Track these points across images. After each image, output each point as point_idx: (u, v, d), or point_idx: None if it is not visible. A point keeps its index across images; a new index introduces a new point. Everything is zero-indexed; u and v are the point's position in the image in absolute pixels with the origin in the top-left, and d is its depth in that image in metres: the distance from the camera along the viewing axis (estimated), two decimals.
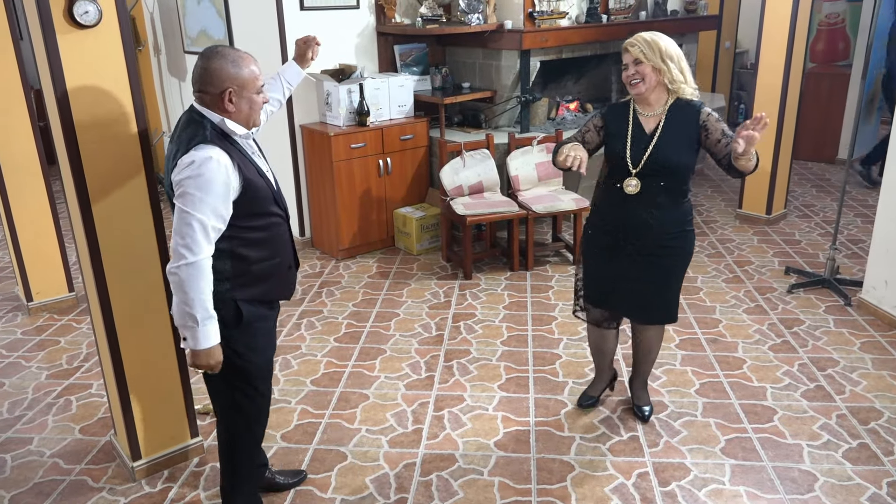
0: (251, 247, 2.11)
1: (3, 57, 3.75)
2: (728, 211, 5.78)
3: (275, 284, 2.24)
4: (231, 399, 2.28)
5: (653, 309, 2.82)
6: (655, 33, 2.55)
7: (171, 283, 1.96)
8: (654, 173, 2.58)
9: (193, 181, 1.92)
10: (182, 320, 1.97)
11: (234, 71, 2.00)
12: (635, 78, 2.54)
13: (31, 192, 4.02)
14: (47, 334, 3.95)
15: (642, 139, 2.60)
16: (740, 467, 2.72)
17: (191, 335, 1.99)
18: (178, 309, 1.97)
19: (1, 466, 2.82)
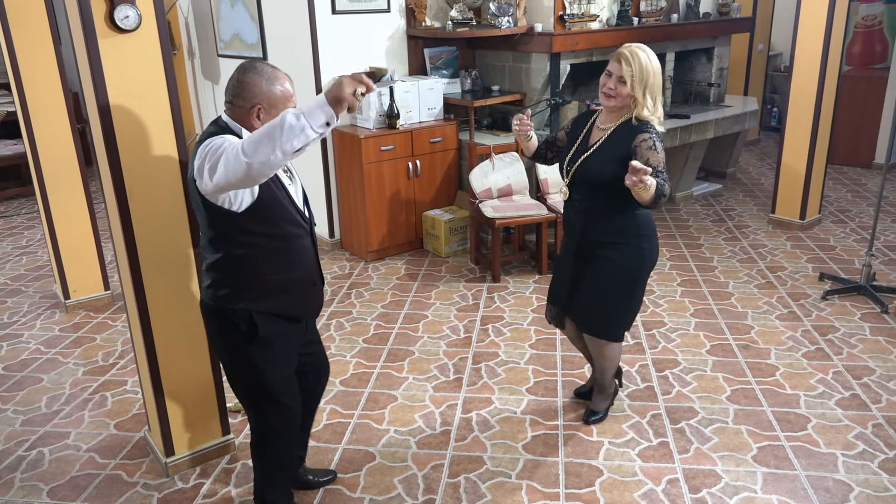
0: (267, 257, 2.09)
1: (44, 61, 3.85)
2: (760, 216, 5.70)
3: (296, 300, 2.20)
4: (258, 411, 2.28)
5: (585, 316, 2.85)
6: (650, 55, 2.51)
7: (263, 155, 1.73)
8: (581, 184, 2.66)
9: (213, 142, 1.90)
10: (297, 132, 1.70)
11: (267, 88, 1.99)
12: (611, 91, 2.54)
13: (69, 192, 4.11)
14: (84, 331, 4.04)
15: (582, 150, 2.66)
16: (773, 476, 2.68)
17: (312, 120, 1.71)
18: (290, 137, 1.70)
19: (39, 460, 2.89)
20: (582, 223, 2.71)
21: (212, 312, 2.18)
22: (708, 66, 6.14)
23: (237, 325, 2.12)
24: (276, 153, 1.73)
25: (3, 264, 5.15)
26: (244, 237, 2.04)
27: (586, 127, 2.72)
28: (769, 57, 8.09)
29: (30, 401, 3.33)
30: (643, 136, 2.52)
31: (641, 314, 4.04)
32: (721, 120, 5.72)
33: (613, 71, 2.53)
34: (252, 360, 2.17)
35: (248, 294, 2.10)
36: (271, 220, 2.07)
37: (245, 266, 2.08)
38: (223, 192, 1.93)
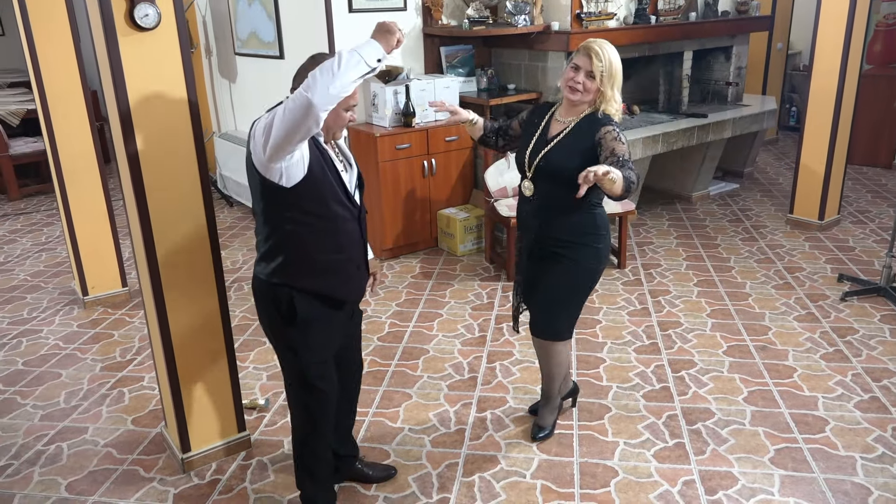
0: (315, 235, 2.13)
1: (64, 59, 3.89)
2: (778, 216, 5.64)
3: (340, 281, 2.24)
4: (296, 396, 2.32)
5: (539, 319, 2.77)
6: (613, 51, 2.46)
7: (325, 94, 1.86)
8: (545, 178, 2.57)
9: (273, 112, 1.97)
10: (354, 65, 1.88)
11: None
12: (578, 85, 2.46)
13: (88, 189, 4.15)
14: (102, 327, 4.08)
15: (542, 143, 2.59)
16: (790, 478, 2.65)
17: (366, 53, 1.91)
18: (348, 70, 1.87)
19: (58, 454, 2.92)
20: (540, 220, 2.63)
21: (259, 288, 2.23)
22: (726, 64, 6.09)
23: (278, 304, 2.17)
24: (335, 83, 1.85)
25: (23, 261, 5.21)
26: (292, 213, 2.08)
27: (545, 119, 2.64)
28: (788, 56, 8.00)
29: (49, 396, 3.37)
30: (607, 128, 2.47)
31: (658, 314, 4.02)
32: (739, 119, 5.67)
33: (582, 65, 2.45)
34: (289, 340, 2.22)
35: (292, 270, 2.14)
36: (319, 198, 2.10)
37: (291, 243, 2.12)
38: (280, 152, 1.95)
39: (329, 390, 2.34)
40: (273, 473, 2.76)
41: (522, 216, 2.73)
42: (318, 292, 2.19)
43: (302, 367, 2.25)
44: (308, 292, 2.17)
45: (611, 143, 2.45)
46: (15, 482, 2.75)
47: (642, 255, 4.90)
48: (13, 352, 3.82)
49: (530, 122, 2.70)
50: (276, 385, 3.38)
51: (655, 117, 5.60)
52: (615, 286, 4.41)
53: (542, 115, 2.67)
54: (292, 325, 2.18)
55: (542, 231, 2.65)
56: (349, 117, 2.15)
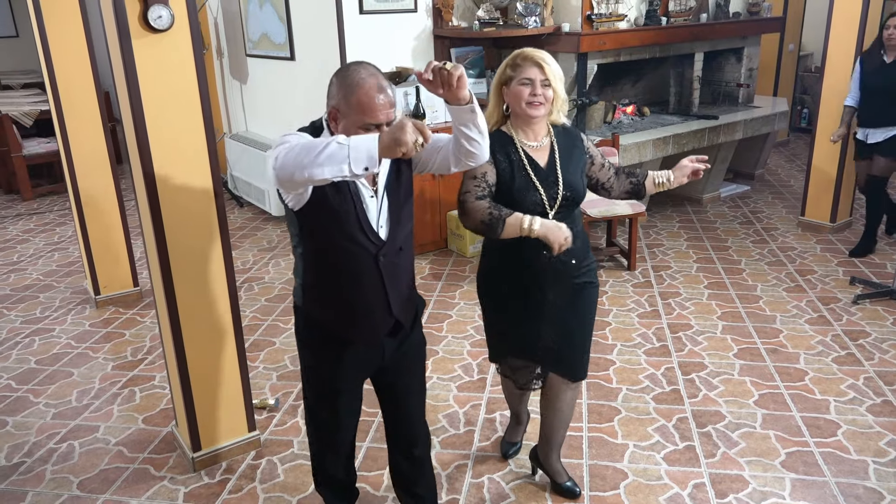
0: (325, 263, 1.96)
1: (78, 61, 3.92)
2: (790, 218, 5.61)
3: (346, 320, 2.00)
4: (308, 414, 2.22)
5: (572, 359, 2.42)
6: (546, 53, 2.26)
7: (287, 175, 1.64)
8: (568, 208, 2.29)
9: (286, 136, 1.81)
10: (336, 161, 1.58)
11: (343, 94, 1.80)
12: (540, 99, 2.20)
13: (100, 190, 4.18)
14: (113, 327, 4.10)
15: (546, 175, 2.26)
16: (801, 482, 2.64)
17: (353, 156, 1.58)
18: (325, 162, 1.58)
19: (70, 452, 2.94)
20: (571, 256, 2.28)
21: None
22: (737, 66, 6.07)
23: (296, 321, 2.12)
24: (302, 172, 1.61)
25: (36, 260, 5.25)
26: (305, 236, 1.94)
27: (515, 153, 2.26)
28: (800, 57, 7.96)
29: (61, 394, 3.39)
30: (583, 136, 2.40)
31: (668, 316, 4.00)
32: (750, 121, 5.65)
33: (534, 77, 2.18)
34: (302, 359, 2.14)
35: (305, 294, 2.03)
36: (327, 227, 1.89)
37: (305, 266, 2.00)
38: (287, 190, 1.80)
39: (331, 424, 2.17)
40: (283, 473, 2.77)
41: (543, 268, 2.28)
42: (323, 325, 2.03)
43: (306, 390, 2.18)
44: (316, 321, 2.04)
45: (595, 151, 2.41)
46: (27, 480, 2.77)
47: (652, 258, 4.88)
48: (26, 350, 3.85)
49: (504, 163, 2.25)
50: (285, 385, 3.39)
51: (666, 119, 5.59)
52: (625, 288, 4.40)
53: (503, 150, 2.25)
54: (301, 340, 2.12)
55: (577, 267, 2.33)
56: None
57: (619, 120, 5.49)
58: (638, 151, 4.97)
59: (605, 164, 2.42)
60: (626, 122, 5.47)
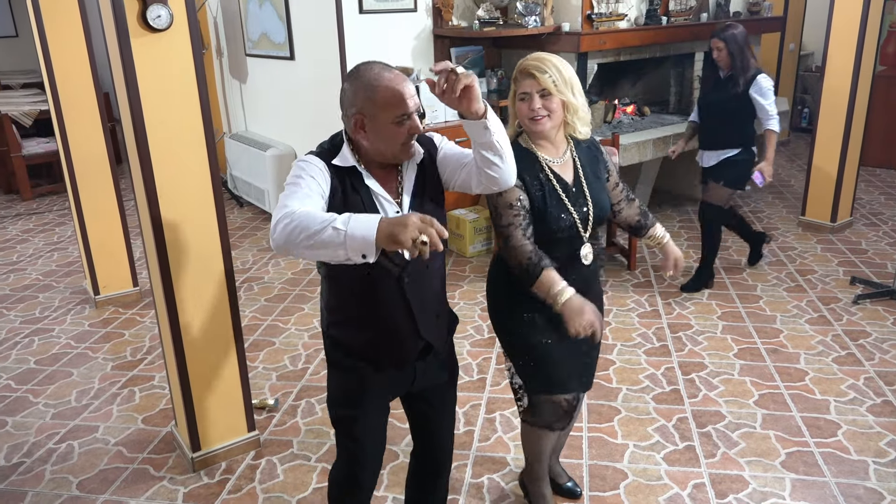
0: (346, 286, 1.85)
1: (77, 61, 3.92)
2: (790, 218, 5.61)
3: (370, 342, 1.88)
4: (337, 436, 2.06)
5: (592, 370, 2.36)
6: (559, 57, 2.04)
7: (283, 251, 1.57)
8: (596, 228, 2.15)
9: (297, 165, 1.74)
10: (332, 248, 1.50)
11: (365, 94, 1.71)
12: (540, 113, 2.01)
13: (99, 190, 4.18)
14: (113, 327, 4.10)
15: (576, 195, 2.10)
16: (801, 482, 2.63)
17: (350, 242, 1.48)
18: (320, 247, 1.50)
19: (69, 452, 2.94)
20: (600, 276, 2.27)
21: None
22: None
23: (325, 344, 1.98)
24: (298, 252, 1.55)
25: (35, 260, 5.25)
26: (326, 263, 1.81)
27: (541, 171, 2.09)
28: (800, 57, 7.95)
29: (60, 394, 3.39)
30: (604, 149, 2.25)
31: (668, 316, 4.00)
32: None
33: (530, 90, 2.01)
34: (329, 381, 2.01)
35: (329, 316, 1.93)
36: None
37: (329, 286, 1.90)
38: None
39: (357, 453, 2.02)
40: (282, 473, 2.77)
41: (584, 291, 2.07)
42: (349, 347, 1.91)
43: (333, 413, 2.01)
44: (340, 343, 1.92)
45: (614, 168, 2.29)
46: (27, 480, 2.77)
47: (652, 257, 4.88)
48: (25, 350, 3.85)
49: (533, 184, 2.07)
50: (285, 385, 3.39)
51: (666, 119, 5.58)
52: (625, 288, 4.40)
53: (529, 170, 2.07)
54: (331, 371, 1.98)
55: (597, 290, 2.25)
56: (410, 128, 1.72)
57: (619, 120, 5.48)
58: (638, 151, 4.97)
59: (620, 184, 2.28)
60: (627, 122, 5.46)
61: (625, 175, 4.97)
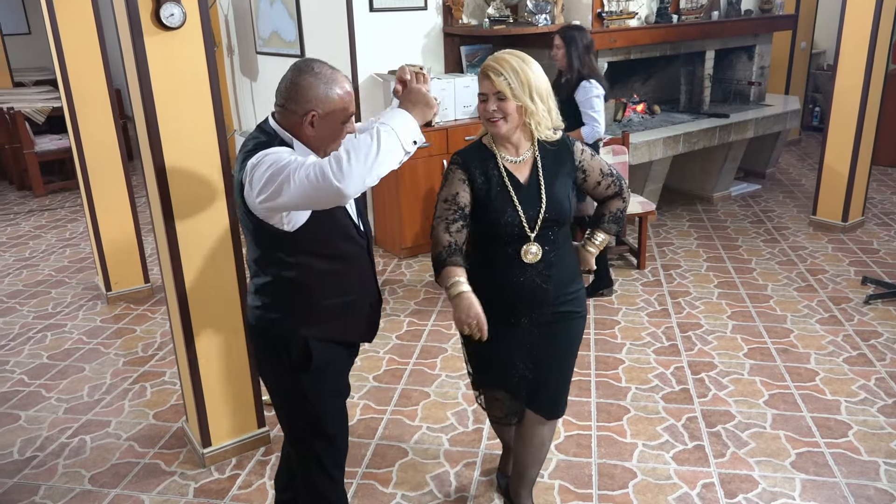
0: (321, 279, 1.91)
1: (90, 58, 3.95)
2: (801, 217, 5.58)
3: (351, 324, 2.01)
4: (307, 448, 2.07)
5: (547, 395, 2.26)
6: (523, 58, 2.00)
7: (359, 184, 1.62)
8: (549, 229, 2.09)
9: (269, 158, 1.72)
10: (392, 147, 1.65)
11: (324, 92, 1.79)
12: (495, 115, 2.00)
13: (111, 186, 4.21)
14: (124, 323, 4.13)
15: (527, 193, 2.07)
16: (812, 483, 2.62)
17: (404, 138, 1.67)
18: (386, 153, 1.64)
19: (81, 447, 2.96)
20: (552, 282, 2.12)
21: (260, 336, 2.00)
22: (749, 64, 6.03)
23: (289, 352, 1.94)
24: (371, 174, 1.63)
25: (48, 256, 5.29)
26: (296, 258, 1.86)
27: (496, 169, 2.08)
28: (812, 55, 7.91)
29: (72, 389, 3.42)
30: (579, 148, 2.15)
31: (677, 315, 3.99)
32: (761, 119, 5.62)
33: (486, 90, 2.00)
34: (303, 389, 1.99)
35: (301, 319, 1.93)
36: (325, 238, 1.88)
37: (297, 290, 1.91)
38: (283, 211, 1.77)
39: (345, 440, 2.14)
40: None
41: (518, 293, 2.11)
42: (330, 338, 1.98)
43: (318, 416, 2.02)
44: (320, 339, 1.96)
45: (592, 162, 2.17)
46: (40, 474, 2.80)
47: (662, 256, 4.87)
48: (38, 346, 3.88)
49: (481, 178, 2.07)
50: None
51: (676, 117, 5.57)
52: (634, 287, 4.39)
53: (485, 163, 2.08)
54: (306, 371, 1.96)
55: (555, 294, 2.14)
56: (349, 129, 1.87)
57: (629, 118, 5.47)
58: (648, 150, 4.96)
59: (603, 181, 2.19)
60: (637, 121, 5.45)
61: (634, 173, 4.97)
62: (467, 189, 2.07)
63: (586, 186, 2.19)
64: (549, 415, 2.28)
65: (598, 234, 2.29)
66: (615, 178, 2.22)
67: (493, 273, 2.12)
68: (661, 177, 5.37)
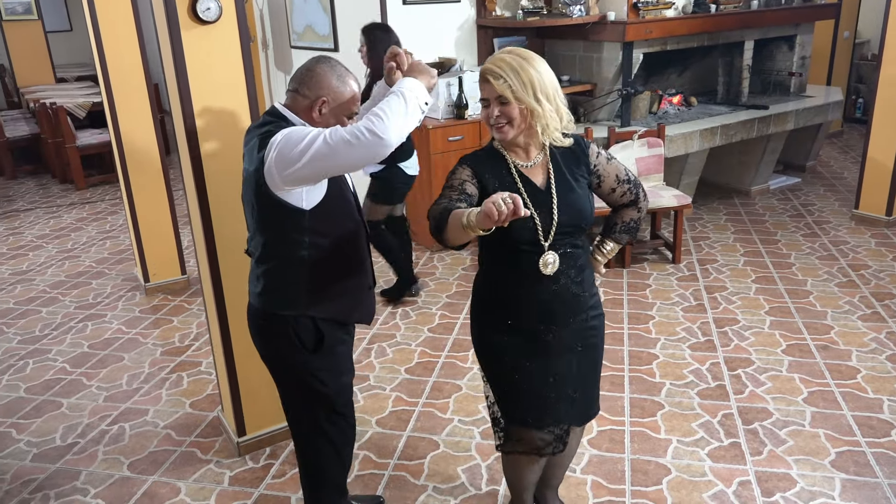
0: (331, 258, 2.02)
1: (129, 54, 4.02)
2: (843, 211, 5.44)
3: (353, 305, 2.13)
4: (316, 426, 2.17)
5: (592, 402, 2.17)
6: (524, 55, 1.86)
7: (399, 138, 1.83)
8: (566, 237, 1.93)
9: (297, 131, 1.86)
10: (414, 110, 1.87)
11: (336, 84, 1.95)
12: (500, 121, 1.87)
13: (150, 179, 4.29)
14: (162, 313, 4.21)
15: (542, 200, 1.92)
16: (852, 482, 2.56)
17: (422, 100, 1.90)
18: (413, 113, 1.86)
19: (120, 434, 3.03)
20: (573, 294, 1.98)
21: (267, 320, 2.06)
22: (789, 54, 5.89)
23: (298, 334, 2.03)
24: (406, 126, 1.84)
25: (89, 248, 5.42)
26: (309, 237, 1.96)
27: (513, 173, 1.94)
28: (855, 45, 7.69)
29: (112, 378, 3.50)
30: (594, 151, 2.01)
31: (713, 310, 3.93)
32: (801, 111, 5.49)
33: (488, 96, 1.87)
34: (313, 371, 2.08)
35: (310, 299, 2.02)
36: (337, 216, 2.01)
37: (308, 270, 2.00)
38: (308, 183, 1.88)
39: (352, 418, 2.27)
40: None
41: (551, 303, 1.95)
42: (336, 318, 2.09)
43: (331, 397, 2.13)
44: (328, 319, 2.06)
45: (609, 166, 2.03)
46: (81, 459, 2.87)
47: (698, 251, 4.79)
48: (79, 335, 3.98)
49: (493, 183, 1.91)
50: None
51: (713, 109, 5.46)
52: (669, 281, 4.33)
53: (497, 168, 1.94)
54: (318, 352, 2.06)
55: (578, 308, 2.00)
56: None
57: (664, 110, 5.38)
58: (684, 142, 4.88)
59: (619, 188, 2.05)
60: (673, 113, 5.36)
61: (670, 166, 4.90)
62: (476, 185, 1.89)
63: (600, 192, 2.05)
64: (579, 421, 2.16)
65: (607, 242, 2.16)
66: (632, 186, 2.07)
67: (521, 289, 1.95)
68: (697, 170, 5.28)
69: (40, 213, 6.39)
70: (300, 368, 2.08)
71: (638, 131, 4.64)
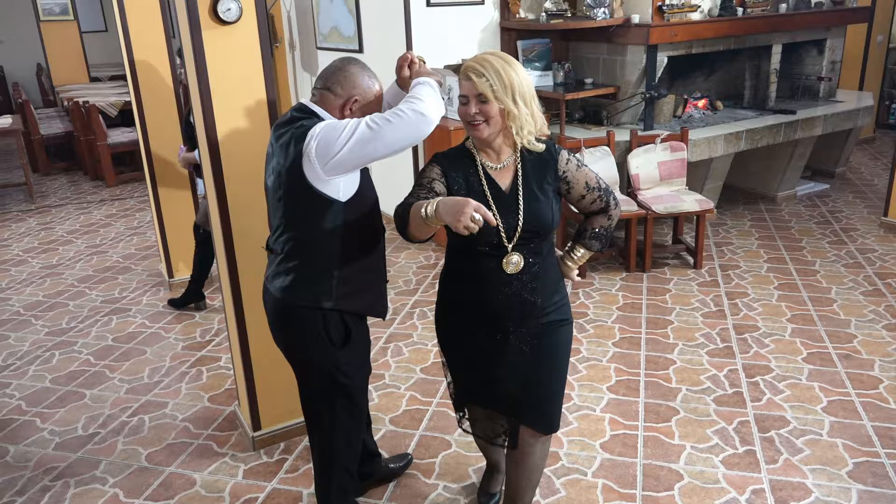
0: (359, 250, 2.10)
1: (157, 54, 4.10)
2: (871, 218, 5.34)
3: (376, 298, 2.22)
4: (333, 417, 2.22)
5: (539, 411, 2.14)
6: (506, 59, 1.92)
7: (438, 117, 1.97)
8: (530, 239, 1.98)
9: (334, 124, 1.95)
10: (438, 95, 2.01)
11: (367, 84, 2.07)
12: (477, 118, 1.91)
13: (175, 178, 4.37)
14: (184, 309, 4.28)
15: (507, 202, 1.96)
16: (869, 494, 2.52)
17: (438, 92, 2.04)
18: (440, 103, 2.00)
19: (140, 426, 3.09)
20: (538, 294, 2.02)
21: (293, 311, 2.10)
22: (819, 58, 5.80)
23: (328, 329, 2.09)
24: (440, 110, 1.96)
25: (116, 244, 5.53)
26: (341, 230, 2.02)
27: (480, 174, 1.99)
28: (889, 49, 7.54)
29: (134, 371, 3.57)
30: (564, 157, 2.03)
31: (734, 317, 3.88)
32: (831, 116, 5.39)
33: (467, 92, 1.91)
34: (340, 364, 2.13)
35: (339, 293, 2.08)
36: (367, 208, 2.09)
37: (339, 264, 2.06)
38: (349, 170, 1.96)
39: (366, 407, 2.40)
40: None
41: (504, 306, 2.01)
42: (358, 311, 2.17)
43: (351, 389, 2.20)
44: (351, 312, 2.14)
45: (578, 173, 2.04)
46: (101, 449, 2.93)
47: (720, 256, 4.74)
48: (105, 328, 4.06)
49: (460, 182, 1.97)
50: None
51: (739, 113, 5.40)
52: (690, 287, 4.29)
53: (464, 168, 2.00)
54: (345, 347, 2.14)
55: (543, 306, 2.05)
56: None
57: (689, 114, 5.33)
58: (708, 147, 4.83)
59: (588, 195, 2.06)
60: (697, 117, 5.31)
61: (693, 171, 4.85)
62: (443, 184, 1.96)
63: (570, 198, 2.07)
64: (544, 429, 2.15)
65: (578, 248, 2.17)
66: (603, 193, 2.08)
67: (475, 287, 2.03)
68: (721, 175, 5.22)
69: (71, 208, 6.55)
70: (327, 362, 2.13)
71: (661, 135, 4.61)
